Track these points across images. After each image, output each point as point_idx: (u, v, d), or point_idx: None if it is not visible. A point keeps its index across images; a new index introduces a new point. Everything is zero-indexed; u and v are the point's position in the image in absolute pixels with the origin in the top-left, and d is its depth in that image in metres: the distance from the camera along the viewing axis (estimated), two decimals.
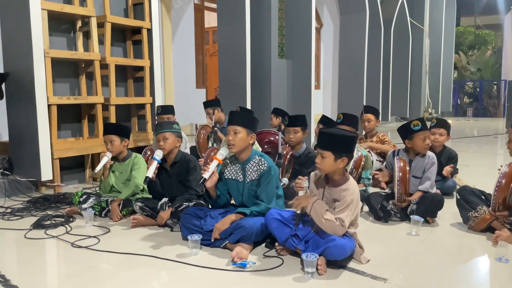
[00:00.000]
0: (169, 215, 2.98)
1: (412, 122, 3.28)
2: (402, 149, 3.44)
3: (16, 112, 4.15)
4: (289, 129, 3.80)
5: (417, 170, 3.30)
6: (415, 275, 2.32)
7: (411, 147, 3.32)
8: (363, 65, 9.53)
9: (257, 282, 2.22)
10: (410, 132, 3.27)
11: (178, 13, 8.97)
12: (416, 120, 3.30)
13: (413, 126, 3.25)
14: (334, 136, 2.37)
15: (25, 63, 3.95)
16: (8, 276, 2.28)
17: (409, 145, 3.32)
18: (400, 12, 12.07)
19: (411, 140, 3.28)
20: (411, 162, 3.32)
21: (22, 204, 3.76)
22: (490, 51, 20.67)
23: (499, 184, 2.74)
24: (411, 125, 3.28)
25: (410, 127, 3.27)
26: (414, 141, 3.27)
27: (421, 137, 3.25)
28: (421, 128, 3.25)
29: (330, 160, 2.34)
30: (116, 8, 4.99)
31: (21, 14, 3.89)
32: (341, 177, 2.42)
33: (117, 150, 3.46)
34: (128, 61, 4.96)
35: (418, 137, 3.25)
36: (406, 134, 3.31)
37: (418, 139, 3.25)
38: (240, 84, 6.49)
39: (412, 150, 3.34)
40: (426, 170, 3.28)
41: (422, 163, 3.30)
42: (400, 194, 3.13)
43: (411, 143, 3.29)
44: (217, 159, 2.72)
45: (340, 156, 2.33)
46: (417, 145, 3.27)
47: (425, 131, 3.27)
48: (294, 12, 7.56)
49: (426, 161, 3.29)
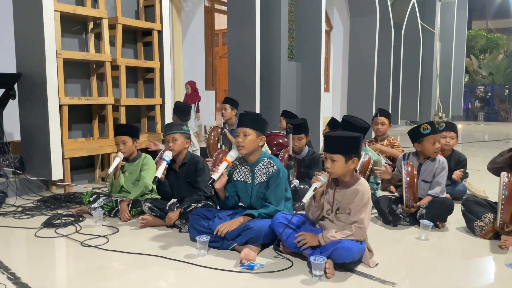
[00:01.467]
0: (178, 215, 2.99)
1: (422, 126, 3.25)
2: (412, 152, 3.41)
3: (28, 112, 4.20)
4: (294, 136, 3.80)
5: (427, 174, 3.27)
6: (424, 280, 2.30)
7: (421, 151, 3.29)
8: (373, 68, 9.48)
9: (265, 284, 2.22)
10: (419, 136, 3.25)
11: (189, 15, 9.02)
12: (426, 124, 3.27)
13: (423, 130, 3.23)
14: (342, 139, 2.36)
15: (37, 64, 4.00)
16: (19, 274, 2.31)
17: (418, 149, 3.30)
18: (410, 15, 12.01)
19: (421, 143, 3.25)
20: (420, 166, 3.29)
21: (33, 203, 3.80)
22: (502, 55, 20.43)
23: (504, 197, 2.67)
24: (420, 128, 3.25)
25: (419, 131, 3.25)
26: (424, 144, 3.24)
27: (431, 141, 3.22)
28: (431, 131, 3.21)
29: (341, 163, 2.33)
30: (128, 10, 5.03)
31: (34, 16, 3.95)
32: (351, 178, 2.41)
33: (130, 151, 3.48)
34: (139, 63, 5.00)
35: (428, 140, 3.22)
36: (416, 138, 3.28)
37: (428, 143, 3.22)
38: (249, 86, 6.50)
39: (421, 154, 3.31)
40: (437, 174, 3.25)
41: (432, 167, 3.27)
42: (408, 200, 3.11)
43: (420, 146, 3.27)
44: (226, 161, 2.73)
45: (350, 158, 2.33)
46: (427, 148, 3.24)
47: (435, 134, 3.24)
48: (304, 15, 7.56)
49: (436, 165, 3.26)
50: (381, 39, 9.85)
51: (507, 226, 2.70)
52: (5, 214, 3.47)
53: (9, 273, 2.32)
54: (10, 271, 2.35)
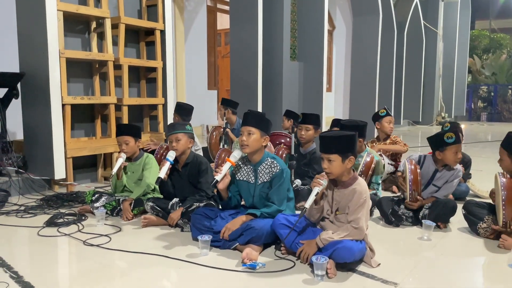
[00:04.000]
0: (180, 215, 3.00)
1: (446, 134, 3.08)
2: (430, 156, 3.28)
3: (31, 111, 4.22)
4: (301, 126, 3.88)
5: (440, 180, 3.19)
6: (426, 280, 2.30)
7: (441, 159, 3.15)
8: (375, 68, 9.47)
9: (267, 283, 2.22)
10: (443, 144, 3.08)
11: (191, 15, 9.02)
12: (450, 132, 3.09)
13: (447, 138, 3.05)
14: (337, 138, 2.36)
15: (40, 63, 4.01)
16: (21, 273, 2.31)
17: (439, 157, 3.14)
18: (413, 15, 11.98)
19: (442, 152, 3.10)
20: (436, 171, 3.20)
21: (36, 202, 3.81)
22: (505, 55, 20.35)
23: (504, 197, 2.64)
24: (444, 137, 3.07)
25: (443, 139, 3.07)
26: (446, 153, 3.09)
27: (453, 151, 3.07)
28: (455, 141, 3.05)
29: (338, 163, 2.34)
30: (130, 10, 5.04)
31: (37, 15, 3.96)
32: (349, 177, 2.41)
33: (132, 151, 3.49)
34: (141, 62, 5.00)
35: (451, 150, 3.07)
36: (438, 146, 3.12)
37: (451, 152, 3.08)
38: (251, 86, 6.50)
39: (440, 161, 3.18)
40: (449, 181, 3.18)
41: (447, 175, 3.18)
42: (412, 191, 3.07)
43: (441, 155, 3.11)
44: (230, 161, 2.72)
45: (347, 156, 2.34)
46: (448, 158, 3.11)
47: (458, 144, 3.09)
48: (306, 14, 7.56)
49: (453, 173, 3.16)
50: (383, 39, 9.83)
51: (510, 225, 2.69)
52: (8, 213, 3.48)
53: (12, 271, 2.33)
54: (13, 269, 2.36)
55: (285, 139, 5.07)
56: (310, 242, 2.38)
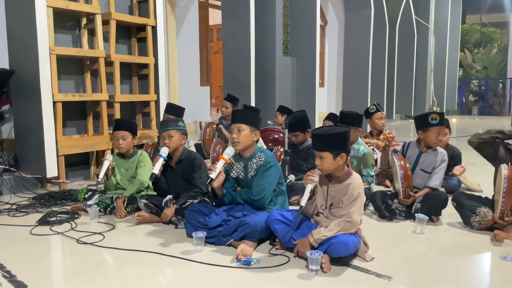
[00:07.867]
0: (174, 212, 2.99)
1: (431, 115, 3.23)
2: (414, 141, 3.42)
3: (22, 109, 4.17)
4: (290, 134, 3.99)
5: (428, 164, 3.27)
6: (420, 273, 2.32)
7: (423, 139, 3.29)
8: (367, 63, 9.49)
9: (262, 279, 2.22)
10: (426, 125, 3.24)
11: (183, 11, 8.97)
12: (435, 114, 3.24)
13: (431, 119, 3.21)
14: (328, 136, 2.37)
15: (30, 60, 3.96)
16: (14, 272, 2.30)
17: (421, 137, 3.30)
18: (405, 10, 12.01)
19: (425, 132, 3.25)
20: (420, 154, 3.30)
21: (28, 201, 3.78)
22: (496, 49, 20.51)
23: (506, 189, 2.68)
24: (429, 117, 3.24)
25: (427, 120, 3.23)
26: (428, 134, 3.24)
27: (435, 132, 3.22)
28: (438, 123, 3.22)
29: (329, 160, 2.35)
30: (121, 6, 4.99)
31: (27, 11, 3.90)
32: (343, 173, 2.42)
33: (128, 147, 3.47)
34: (133, 59, 4.97)
35: (433, 131, 3.22)
36: (422, 125, 3.27)
37: (433, 133, 3.22)
38: (244, 81, 6.48)
39: (423, 142, 3.31)
40: (437, 166, 3.25)
41: (433, 158, 3.27)
42: (405, 188, 3.13)
43: (423, 135, 3.27)
44: (223, 159, 2.72)
45: (338, 154, 2.34)
46: (430, 138, 3.24)
47: (441, 126, 3.24)
48: (298, 10, 7.54)
49: (438, 157, 3.27)
50: (375, 34, 9.85)
51: (507, 215, 2.72)
52: (0, 212, 3.45)
53: (5, 271, 2.31)
54: (6, 269, 2.34)
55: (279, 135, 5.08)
56: (303, 241, 2.38)
